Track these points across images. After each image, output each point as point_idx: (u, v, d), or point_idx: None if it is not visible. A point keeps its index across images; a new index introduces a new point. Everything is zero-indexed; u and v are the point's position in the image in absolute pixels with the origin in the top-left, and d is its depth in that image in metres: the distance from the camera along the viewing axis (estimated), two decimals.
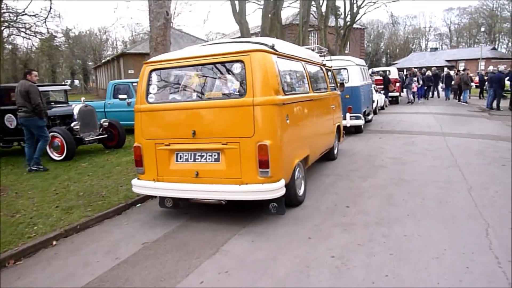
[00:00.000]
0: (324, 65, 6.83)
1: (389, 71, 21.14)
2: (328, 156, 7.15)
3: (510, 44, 58.98)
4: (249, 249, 3.66)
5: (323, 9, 23.93)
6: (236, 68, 4.05)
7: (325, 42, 22.84)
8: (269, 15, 16.94)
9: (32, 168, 7.21)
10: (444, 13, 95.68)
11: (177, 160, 4.32)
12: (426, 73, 22.10)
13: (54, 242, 4.05)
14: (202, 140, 4.14)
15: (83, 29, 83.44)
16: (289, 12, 53.67)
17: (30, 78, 7.15)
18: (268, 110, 3.94)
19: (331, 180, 5.96)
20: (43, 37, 27.90)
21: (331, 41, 28.56)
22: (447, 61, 49.13)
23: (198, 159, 4.22)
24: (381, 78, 19.06)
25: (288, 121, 4.28)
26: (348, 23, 27.04)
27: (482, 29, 52.81)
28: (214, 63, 4.17)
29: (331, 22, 29.67)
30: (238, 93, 4.04)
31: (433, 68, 25.28)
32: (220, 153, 4.11)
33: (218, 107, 4.09)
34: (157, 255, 3.64)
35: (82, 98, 10.06)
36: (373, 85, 16.54)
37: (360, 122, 10.03)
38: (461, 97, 19.47)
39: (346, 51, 41.08)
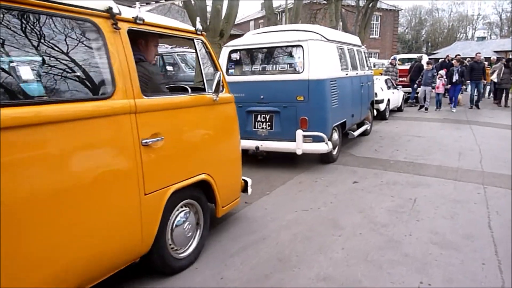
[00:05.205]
0: (115, 21, 2.32)
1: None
2: (154, 266, 2.73)
3: None
4: None
5: None
6: None
7: (336, 19, 17.76)
8: None
9: None
10: None
11: None
12: (470, 63, 15.00)
13: None
14: None
15: None
16: None
17: None
18: None
19: None
20: None
21: (351, 22, 23.38)
22: (496, 52, 42.14)
23: None
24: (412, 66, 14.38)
25: None
26: None
27: None
28: None
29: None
30: None
31: (467, 59, 19.47)
32: None
33: None
34: None
35: None
36: (386, 78, 11.79)
37: (322, 148, 5.32)
38: None
39: (375, 36, 35.63)
